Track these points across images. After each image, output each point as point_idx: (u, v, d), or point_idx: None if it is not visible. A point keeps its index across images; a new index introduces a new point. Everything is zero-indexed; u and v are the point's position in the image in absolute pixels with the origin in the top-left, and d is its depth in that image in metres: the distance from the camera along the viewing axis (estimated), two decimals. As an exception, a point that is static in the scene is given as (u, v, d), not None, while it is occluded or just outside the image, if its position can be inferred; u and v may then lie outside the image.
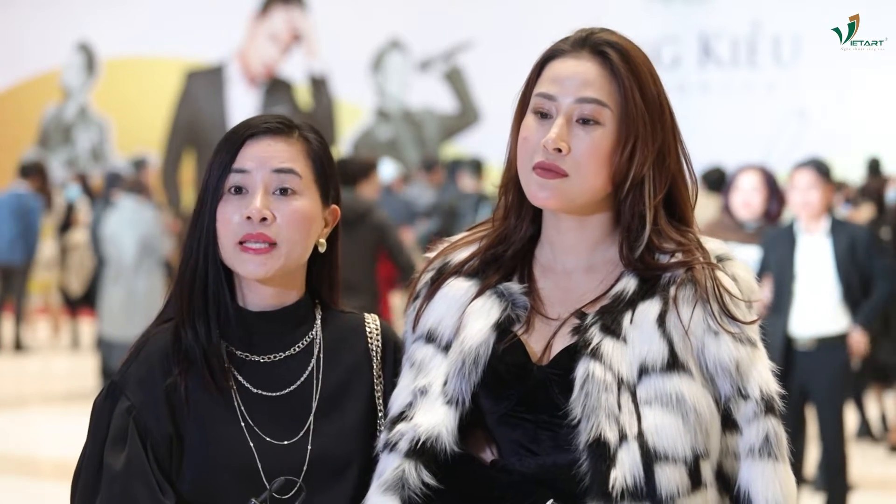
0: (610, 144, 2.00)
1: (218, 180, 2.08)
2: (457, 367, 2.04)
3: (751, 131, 13.67)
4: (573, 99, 2.01)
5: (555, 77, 2.04)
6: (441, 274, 2.14)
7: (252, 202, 2.06)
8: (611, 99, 2.00)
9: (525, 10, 15.19)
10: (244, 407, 2.08)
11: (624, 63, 2.01)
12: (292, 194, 2.09)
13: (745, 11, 14.24)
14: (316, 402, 2.12)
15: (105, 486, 2.03)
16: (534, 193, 2.03)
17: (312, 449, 2.09)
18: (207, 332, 2.08)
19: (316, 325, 2.18)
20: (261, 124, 2.11)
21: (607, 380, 1.94)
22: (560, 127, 1.99)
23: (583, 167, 1.99)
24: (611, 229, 2.07)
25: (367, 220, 6.97)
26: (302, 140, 2.13)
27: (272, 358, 2.12)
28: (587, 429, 1.93)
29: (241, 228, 2.06)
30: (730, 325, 1.99)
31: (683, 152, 2.08)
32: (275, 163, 2.08)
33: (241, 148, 2.09)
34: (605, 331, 1.98)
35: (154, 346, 2.10)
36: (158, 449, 2.04)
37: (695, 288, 1.99)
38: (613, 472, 1.90)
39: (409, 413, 2.04)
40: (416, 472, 2.00)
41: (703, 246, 2.05)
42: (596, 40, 2.04)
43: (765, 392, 2.00)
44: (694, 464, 1.94)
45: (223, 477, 2.05)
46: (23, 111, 17.84)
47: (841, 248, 5.98)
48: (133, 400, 2.06)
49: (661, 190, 2.03)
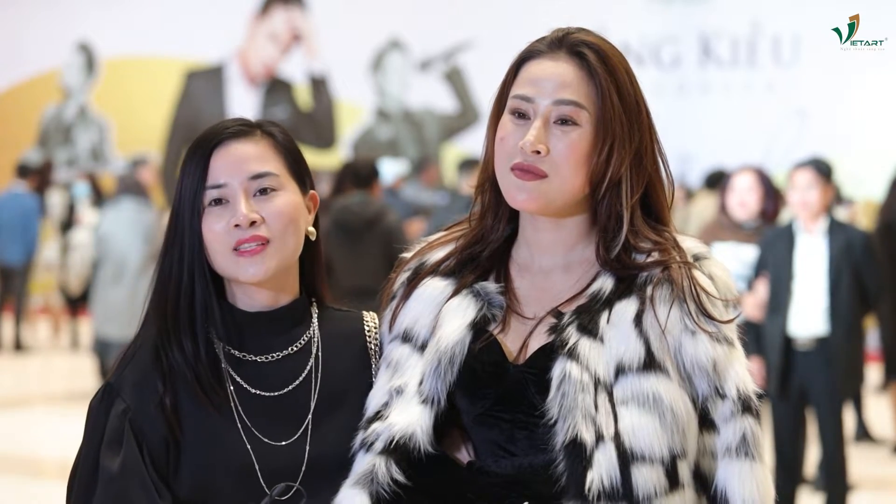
0: (587, 145, 2.00)
1: (194, 197, 2.07)
2: (432, 366, 2.04)
3: (751, 131, 13.66)
4: (550, 101, 2.01)
5: (532, 78, 2.04)
6: (417, 274, 2.15)
7: (237, 209, 2.06)
8: (588, 100, 2.01)
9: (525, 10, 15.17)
10: (241, 408, 2.08)
11: (601, 64, 2.01)
12: (272, 192, 2.09)
13: (745, 11, 14.23)
14: (314, 401, 2.12)
15: (101, 488, 2.03)
16: (512, 196, 2.03)
17: (310, 449, 2.09)
18: (196, 350, 2.07)
19: (313, 323, 2.18)
20: (223, 131, 2.10)
21: (584, 380, 1.94)
22: (538, 129, 2.00)
23: (561, 167, 1.99)
24: (587, 229, 2.07)
25: (379, 226, 6.89)
26: (266, 136, 2.12)
27: (270, 358, 2.12)
28: (564, 429, 1.93)
29: (232, 236, 2.06)
30: (707, 325, 1.99)
31: (660, 152, 2.08)
32: (249, 168, 2.08)
33: (210, 160, 2.08)
34: (581, 330, 1.98)
35: (147, 349, 2.10)
36: (155, 451, 2.04)
37: (671, 287, 1.99)
38: (590, 473, 1.90)
39: (385, 412, 2.05)
40: (387, 467, 2.00)
41: (679, 245, 2.05)
42: (573, 41, 2.04)
43: (742, 391, 2.00)
44: (671, 464, 1.94)
45: (220, 479, 2.04)
46: (23, 111, 17.83)
47: (836, 250, 5.98)
48: (129, 402, 2.06)
49: (637, 190, 2.03)
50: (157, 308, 2.11)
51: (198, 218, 2.07)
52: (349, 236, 6.86)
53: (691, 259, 2.04)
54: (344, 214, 6.99)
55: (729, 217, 6.42)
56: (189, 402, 2.06)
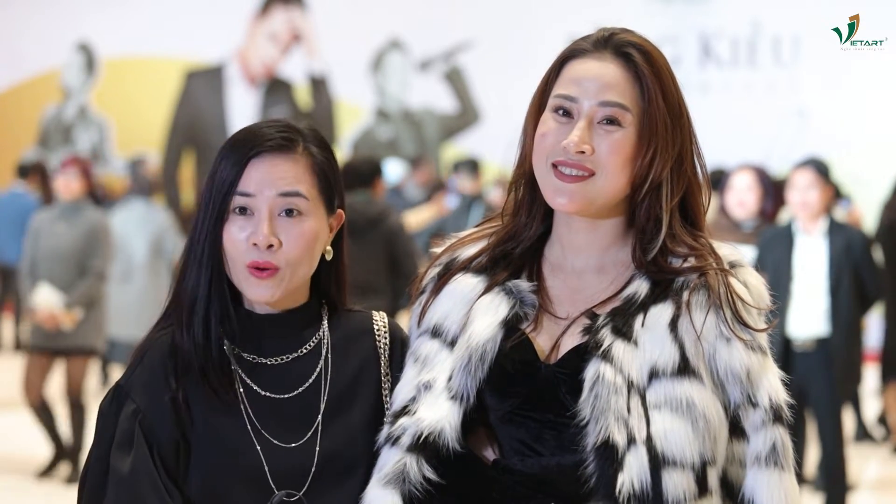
0: (631, 146, 1.99)
1: (222, 200, 2.07)
2: (463, 362, 2.03)
3: (751, 131, 13.65)
4: (595, 101, 2.00)
5: (576, 78, 2.02)
6: (448, 269, 2.14)
7: (259, 228, 2.06)
8: (633, 102, 2.00)
9: (525, 10, 15.17)
10: (251, 410, 2.08)
11: (648, 65, 2.00)
12: (298, 216, 2.09)
13: (745, 11, 14.23)
14: (324, 403, 2.12)
15: (112, 489, 2.04)
16: (551, 197, 2.02)
17: (321, 450, 2.09)
18: (207, 343, 2.08)
19: (323, 325, 2.17)
20: (265, 142, 2.09)
21: (617, 382, 1.94)
22: (582, 130, 1.99)
23: (607, 166, 1.99)
24: (623, 232, 2.06)
25: (381, 225, 6.91)
26: (306, 155, 2.11)
27: (280, 360, 2.12)
28: (595, 430, 1.92)
29: (248, 254, 2.06)
30: (742, 332, 1.99)
31: (699, 156, 2.07)
32: (280, 185, 2.08)
33: (246, 168, 2.08)
34: (616, 333, 1.98)
35: (157, 350, 2.10)
36: (165, 452, 2.05)
37: (708, 293, 1.99)
38: (620, 476, 1.90)
39: (413, 407, 2.04)
40: (418, 466, 2.00)
41: (716, 252, 2.04)
42: (619, 41, 2.03)
43: (774, 401, 2.00)
44: (701, 470, 1.94)
45: (230, 480, 2.05)
46: (23, 111, 17.82)
47: (836, 250, 5.97)
48: (139, 403, 2.07)
49: (677, 193, 2.03)
50: (177, 298, 2.11)
51: (221, 221, 2.07)
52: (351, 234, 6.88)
53: (727, 266, 2.03)
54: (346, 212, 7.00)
55: (728, 217, 6.39)
56: (200, 403, 2.07)
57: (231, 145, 2.10)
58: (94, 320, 7.57)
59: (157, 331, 2.14)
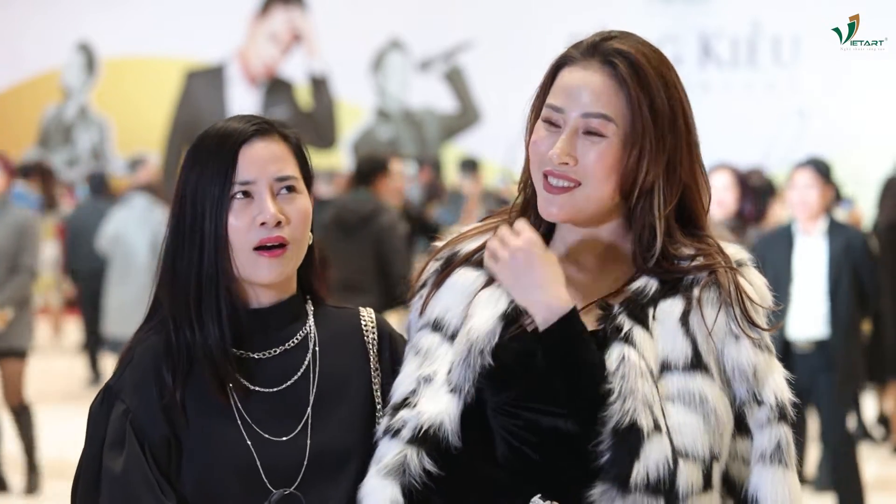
0: (615, 155, 2.00)
1: (220, 195, 2.07)
2: (462, 355, 2.04)
3: (751, 131, 13.66)
4: (579, 113, 2.01)
5: (564, 87, 2.04)
6: (449, 263, 2.15)
7: (265, 207, 2.07)
8: (616, 112, 2.00)
9: (525, 10, 15.18)
10: (241, 404, 2.09)
11: (633, 74, 2.00)
12: (294, 193, 2.11)
13: (745, 11, 14.24)
14: (313, 395, 2.12)
15: (105, 488, 2.04)
16: (542, 207, 2.05)
17: (311, 444, 2.09)
18: (221, 332, 2.08)
19: (309, 320, 2.18)
20: (249, 128, 2.11)
21: (641, 366, 1.94)
22: (564, 142, 2.00)
23: (592, 176, 2.00)
24: (623, 233, 2.08)
25: (372, 223, 6.92)
26: (282, 138, 2.14)
27: (268, 354, 2.13)
28: (621, 411, 1.91)
29: (256, 234, 2.07)
30: (751, 331, 2.01)
31: (698, 158, 2.07)
32: (276, 167, 2.10)
33: (238, 157, 2.08)
34: (633, 319, 1.99)
35: (149, 350, 2.10)
36: (157, 451, 2.04)
37: (719, 291, 2.00)
38: (637, 464, 1.90)
39: (413, 400, 2.05)
40: (419, 458, 2.00)
41: (723, 251, 2.06)
42: (606, 49, 2.03)
43: (779, 399, 2.02)
44: (709, 465, 1.95)
45: (222, 477, 2.05)
46: (23, 111, 17.83)
47: (836, 251, 5.96)
48: (129, 403, 2.07)
49: (671, 200, 2.03)
50: (175, 295, 2.10)
51: (223, 217, 2.07)
52: (344, 231, 6.94)
53: (735, 265, 2.05)
54: (341, 210, 7.13)
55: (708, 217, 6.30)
56: (194, 401, 2.07)
57: (215, 142, 2.10)
58: (25, 320, 7.11)
59: (146, 331, 2.14)
